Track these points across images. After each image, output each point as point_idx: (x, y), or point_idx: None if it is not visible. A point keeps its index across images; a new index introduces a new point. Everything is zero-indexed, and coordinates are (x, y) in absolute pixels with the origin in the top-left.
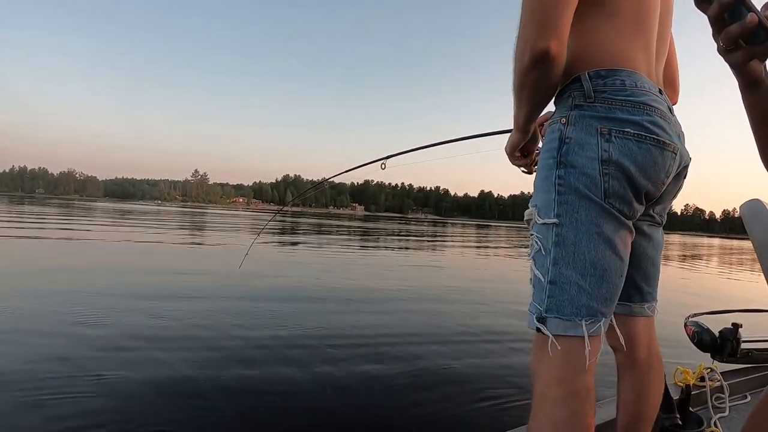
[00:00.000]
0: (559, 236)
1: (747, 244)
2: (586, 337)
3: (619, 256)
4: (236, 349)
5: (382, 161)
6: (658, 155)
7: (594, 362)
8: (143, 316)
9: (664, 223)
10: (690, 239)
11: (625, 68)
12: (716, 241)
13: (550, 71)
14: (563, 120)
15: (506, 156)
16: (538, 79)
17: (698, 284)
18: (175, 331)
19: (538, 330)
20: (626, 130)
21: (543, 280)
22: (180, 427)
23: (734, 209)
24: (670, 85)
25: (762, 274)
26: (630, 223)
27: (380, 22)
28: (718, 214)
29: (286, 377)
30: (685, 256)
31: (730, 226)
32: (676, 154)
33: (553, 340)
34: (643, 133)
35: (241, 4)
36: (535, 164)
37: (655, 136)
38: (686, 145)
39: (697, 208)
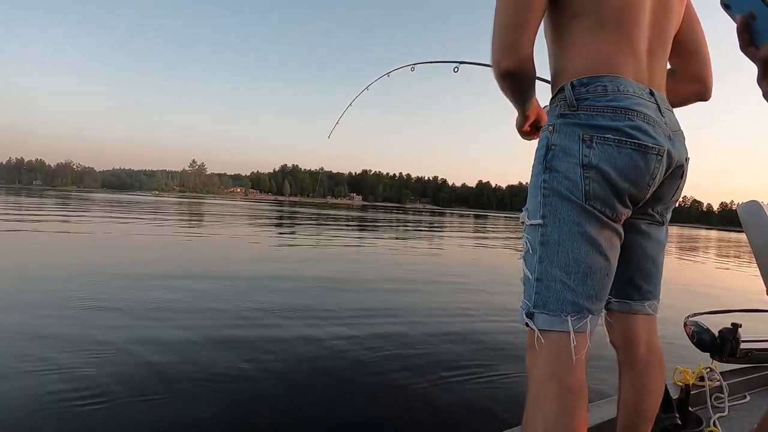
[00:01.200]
0: (544, 236)
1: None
2: (572, 333)
3: (603, 254)
4: None
5: (455, 65)
6: (639, 159)
7: (583, 358)
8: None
9: (666, 222)
10: (687, 231)
11: (607, 74)
12: (714, 234)
13: (517, 81)
14: (550, 128)
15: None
16: (510, 87)
17: (698, 280)
18: None
19: (527, 325)
20: (607, 136)
21: (531, 277)
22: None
23: (732, 201)
24: (696, 80)
25: (760, 275)
26: (616, 225)
27: (379, 13)
28: (715, 206)
29: None
30: (682, 249)
31: (727, 218)
32: (661, 156)
33: (539, 334)
34: (623, 138)
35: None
36: None
37: (635, 140)
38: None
39: (695, 200)
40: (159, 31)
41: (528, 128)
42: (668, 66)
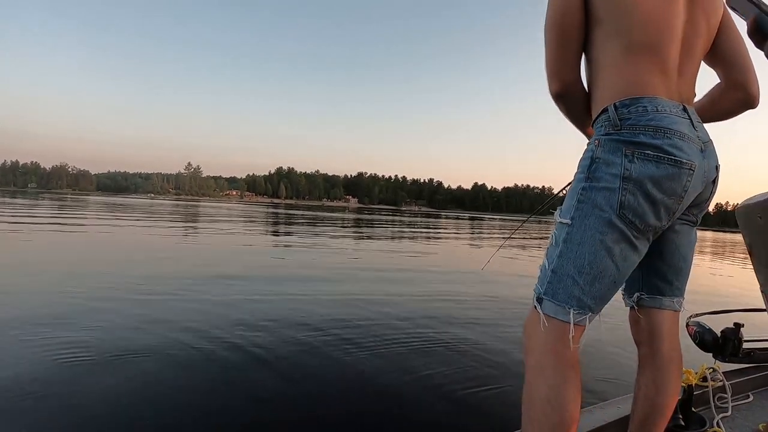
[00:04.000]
0: (569, 235)
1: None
2: (572, 324)
3: (615, 264)
4: None
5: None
6: (675, 173)
7: (577, 346)
8: None
9: (698, 223)
10: None
11: (646, 95)
12: (709, 234)
13: (568, 102)
14: (596, 142)
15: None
16: (564, 108)
17: (698, 281)
18: None
19: (535, 307)
20: (647, 152)
21: (548, 267)
22: None
23: (727, 202)
24: (738, 88)
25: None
26: (638, 239)
27: (374, 17)
28: (711, 207)
29: None
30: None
31: (722, 219)
32: (693, 171)
33: (544, 318)
34: (661, 155)
35: (233, 1)
36: None
37: (672, 157)
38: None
39: None
40: (156, 34)
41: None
42: (716, 77)
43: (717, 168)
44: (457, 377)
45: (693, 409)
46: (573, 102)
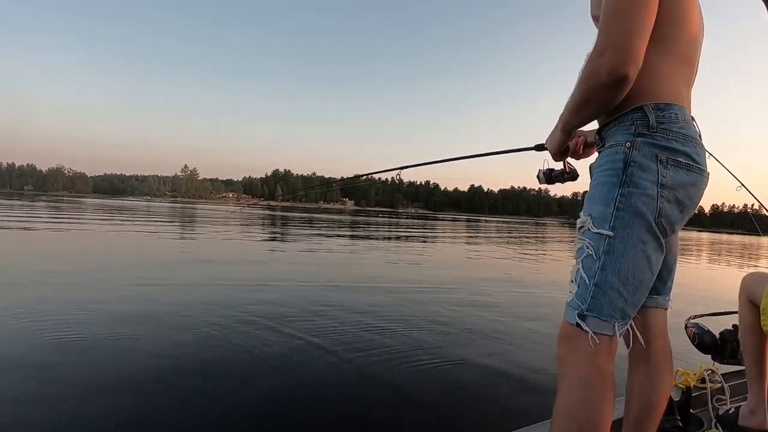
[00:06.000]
0: (611, 246)
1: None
2: (617, 335)
3: (652, 271)
4: None
5: (398, 171)
6: (699, 181)
7: (615, 355)
8: None
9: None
10: (679, 233)
11: (677, 103)
12: (705, 235)
13: (621, 93)
14: (628, 144)
15: (550, 154)
16: (608, 99)
17: (698, 281)
18: None
19: (578, 325)
20: (679, 159)
21: (589, 282)
22: None
23: (723, 203)
24: None
25: None
26: (665, 243)
27: (370, 18)
28: (707, 209)
29: None
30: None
31: (718, 220)
32: (707, 179)
33: (593, 335)
34: (691, 163)
35: (229, 3)
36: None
37: (699, 165)
38: None
39: None
40: (153, 36)
41: (567, 146)
42: None
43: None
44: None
45: (691, 410)
46: (624, 94)
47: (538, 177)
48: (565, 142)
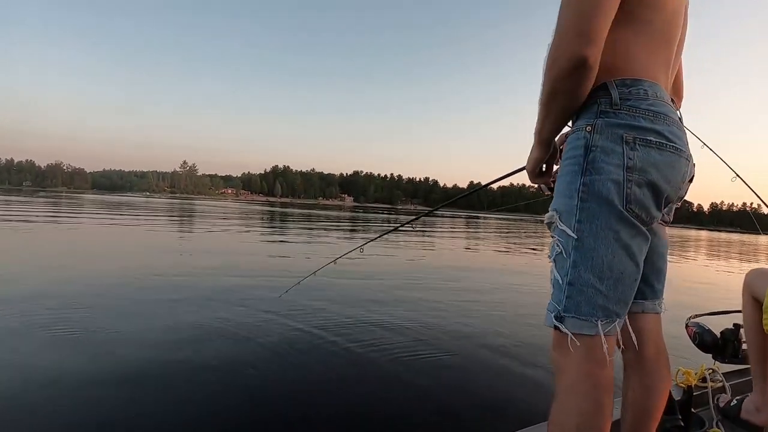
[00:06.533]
0: (579, 240)
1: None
2: (602, 336)
3: (634, 261)
4: None
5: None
6: (676, 161)
7: (612, 358)
8: None
9: (670, 221)
10: (678, 231)
11: (647, 79)
12: (704, 234)
13: (585, 80)
14: (588, 128)
15: (528, 176)
16: (573, 87)
17: (697, 280)
18: None
19: (556, 328)
20: (649, 138)
21: (562, 281)
22: None
23: (722, 202)
24: (676, 94)
25: None
26: (647, 230)
27: (369, 15)
28: (706, 207)
29: None
30: (680, 249)
31: (717, 218)
32: (689, 161)
33: (573, 337)
34: (664, 141)
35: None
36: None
37: (674, 144)
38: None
39: (685, 200)
40: (152, 32)
41: (544, 167)
42: None
43: (693, 165)
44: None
45: (693, 409)
46: (590, 81)
47: (540, 188)
48: (542, 158)
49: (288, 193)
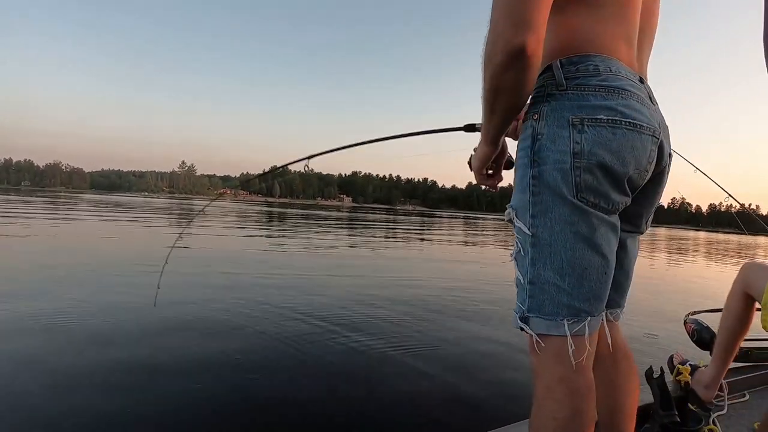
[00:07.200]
0: (535, 237)
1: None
2: (569, 337)
3: (599, 252)
4: None
5: (305, 160)
6: (636, 139)
7: (589, 359)
8: None
9: (644, 232)
10: (677, 232)
11: (601, 54)
12: (702, 235)
13: (526, 71)
14: (535, 116)
15: (472, 172)
16: (514, 80)
17: (697, 280)
18: None
19: (522, 329)
20: (599, 117)
21: (523, 280)
22: None
23: (720, 203)
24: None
25: None
26: (611, 218)
27: (368, 14)
28: (704, 208)
29: None
30: (680, 249)
31: (716, 219)
32: (658, 139)
33: (537, 338)
34: (617, 118)
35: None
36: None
37: (630, 120)
38: (671, 138)
39: (683, 201)
40: (152, 32)
41: (492, 167)
42: None
43: (670, 156)
44: None
45: (690, 406)
46: (533, 72)
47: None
48: (489, 156)
49: (287, 194)
